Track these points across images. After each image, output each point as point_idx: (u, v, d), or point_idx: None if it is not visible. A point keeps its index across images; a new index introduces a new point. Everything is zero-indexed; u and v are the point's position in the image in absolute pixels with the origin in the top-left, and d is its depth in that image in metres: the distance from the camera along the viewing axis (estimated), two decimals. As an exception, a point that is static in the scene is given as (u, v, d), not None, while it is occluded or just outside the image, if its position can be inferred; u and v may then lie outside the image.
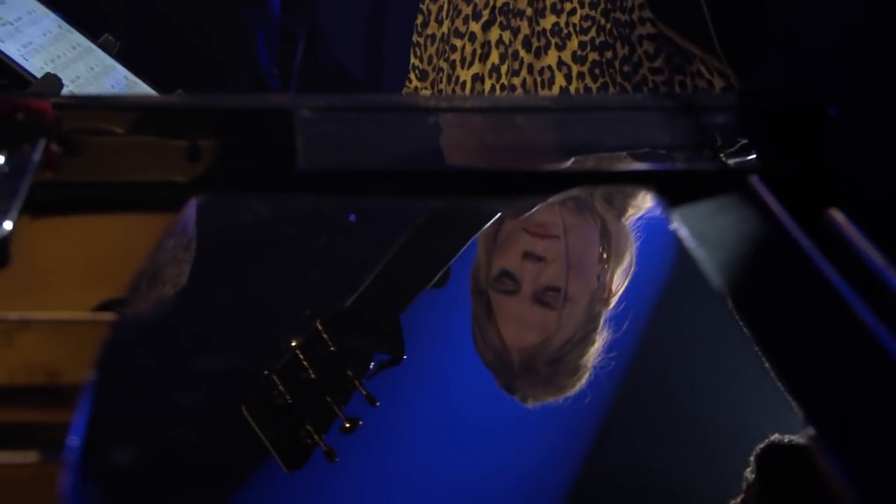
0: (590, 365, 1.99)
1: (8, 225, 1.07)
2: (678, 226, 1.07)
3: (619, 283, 2.12)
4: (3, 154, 1.17)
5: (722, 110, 1.25)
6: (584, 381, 2.10)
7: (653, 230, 1.82)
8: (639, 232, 1.98)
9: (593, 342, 2.11)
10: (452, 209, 1.59)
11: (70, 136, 1.22)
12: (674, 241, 1.14)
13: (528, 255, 2.04)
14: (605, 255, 2.23)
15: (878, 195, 1.27)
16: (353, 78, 4.65)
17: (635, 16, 2.72)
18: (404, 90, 3.06)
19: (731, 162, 1.17)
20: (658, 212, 1.41)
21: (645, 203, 1.90)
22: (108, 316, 1.17)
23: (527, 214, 1.88)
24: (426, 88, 2.99)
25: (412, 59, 3.04)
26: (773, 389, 1.11)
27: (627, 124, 1.24)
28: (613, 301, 2.22)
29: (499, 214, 1.89)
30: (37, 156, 1.18)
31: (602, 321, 2.11)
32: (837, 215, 1.09)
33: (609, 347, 1.96)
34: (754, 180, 1.11)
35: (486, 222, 1.88)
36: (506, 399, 1.81)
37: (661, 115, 1.23)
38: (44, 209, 1.15)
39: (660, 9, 2.22)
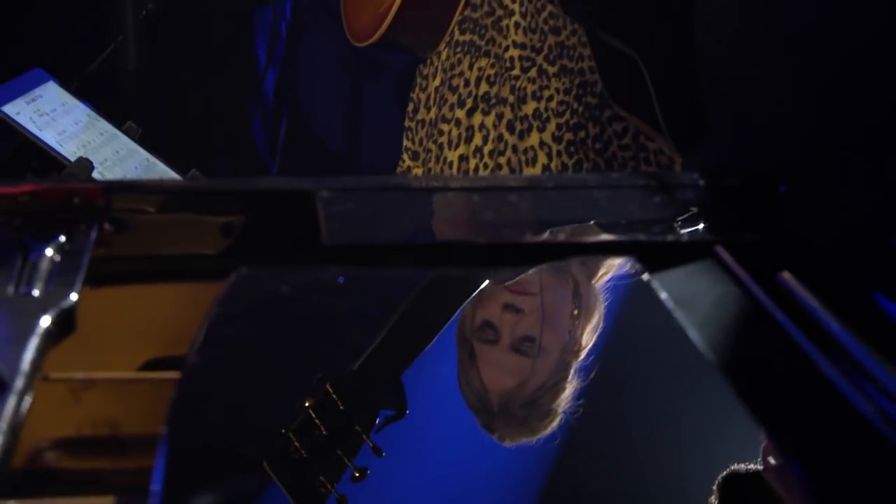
0: (560, 410, 2.01)
1: (74, 296, 1.11)
2: (657, 289, 1.12)
3: (589, 338, 2.15)
4: (64, 234, 1.21)
5: (690, 188, 1.30)
6: (555, 424, 2.12)
7: (621, 290, 1.86)
8: (608, 292, 2.02)
9: (564, 389, 2.13)
10: (447, 278, 1.62)
11: (119, 216, 1.26)
12: (642, 301, 1.20)
13: (507, 307, 2.06)
14: (576, 312, 2.25)
15: (827, 257, 1.33)
16: (333, 152, 4.68)
17: (604, 100, 2.77)
18: (398, 168, 3.07)
19: (699, 233, 1.22)
20: (625, 274, 1.47)
21: (614, 267, 1.94)
22: (159, 375, 1.22)
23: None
24: (418, 167, 3.00)
25: (405, 142, 3.06)
26: (733, 423, 1.16)
27: (607, 200, 1.29)
28: (583, 353, 2.25)
29: (487, 282, 1.93)
30: (93, 235, 1.22)
31: (572, 371, 2.13)
32: (789, 277, 1.14)
33: (578, 394, 1.99)
34: (720, 249, 1.16)
35: (477, 289, 1.92)
36: (487, 440, 1.83)
37: (639, 192, 1.28)
38: (100, 280, 1.19)
39: (615, 93, 2.25)
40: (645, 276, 1.14)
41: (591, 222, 1.25)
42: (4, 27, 3.73)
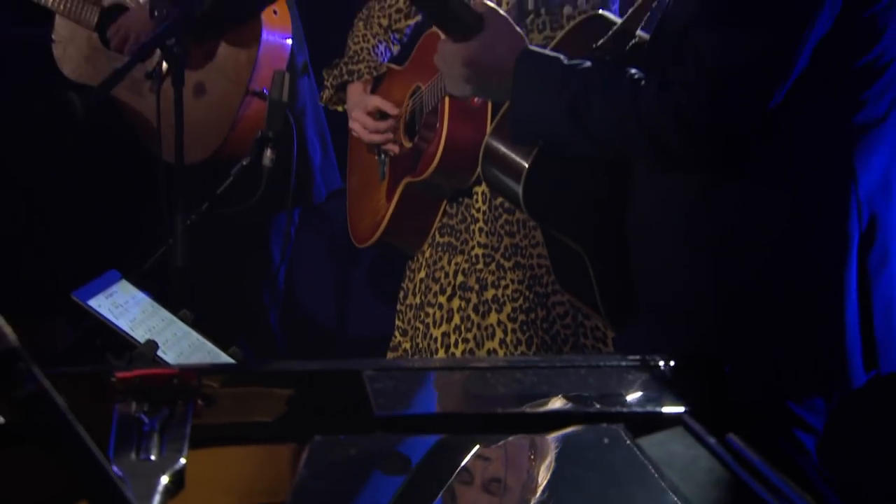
0: None
1: (183, 460, 1.13)
2: (639, 450, 1.14)
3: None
4: (169, 409, 1.24)
5: (656, 368, 1.33)
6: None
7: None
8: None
9: None
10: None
11: (208, 393, 1.29)
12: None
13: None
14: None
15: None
16: (323, 326, 4.67)
17: (549, 289, 2.81)
18: (391, 342, 3.05)
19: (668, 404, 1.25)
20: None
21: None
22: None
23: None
24: (406, 342, 2.99)
25: (397, 321, 3.03)
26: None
27: (597, 379, 1.31)
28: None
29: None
30: (191, 409, 1.25)
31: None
32: (736, 438, 1.18)
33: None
34: (686, 417, 1.19)
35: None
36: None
37: (618, 372, 1.31)
38: (198, 444, 1.21)
39: (562, 279, 2.22)
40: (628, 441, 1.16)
41: (586, 394, 1.27)
42: (87, 239, 3.76)
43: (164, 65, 2.95)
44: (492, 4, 1.93)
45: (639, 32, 1.96)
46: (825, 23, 1.67)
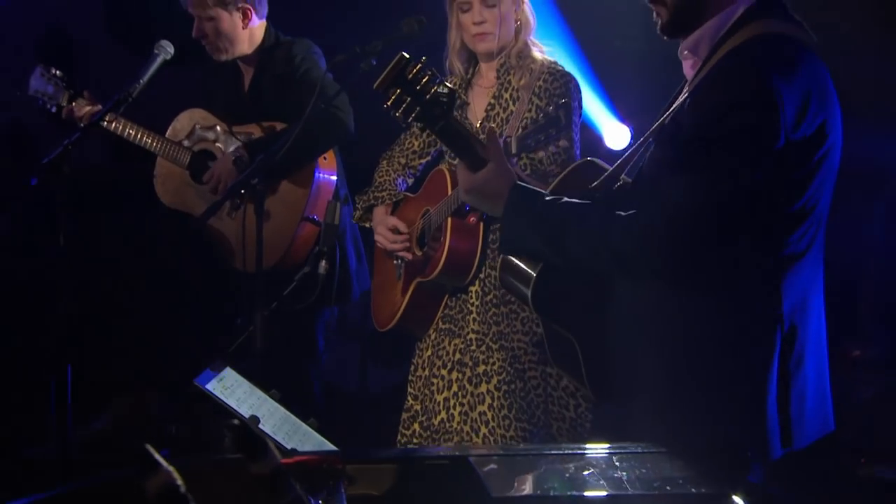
0: None
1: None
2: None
3: None
4: (326, 489, 1.18)
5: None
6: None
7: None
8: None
9: None
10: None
11: (352, 474, 1.24)
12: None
13: None
14: None
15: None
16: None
17: (526, 366, 2.79)
18: (405, 404, 3.01)
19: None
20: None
21: None
22: None
23: None
24: (418, 405, 2.95)
25: (409, 389, 3.01)
26: None
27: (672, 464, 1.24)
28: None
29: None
30: (342, 487, 1.19)
31: None
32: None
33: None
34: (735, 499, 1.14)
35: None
36: None
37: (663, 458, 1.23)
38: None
39: (556, 357, 2.19)
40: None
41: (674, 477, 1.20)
42: (178, 329, 3.68)
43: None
44: (496, 145, 1.92)
45: (623, 176, 1.98)
46: (762, 182, 1.67)
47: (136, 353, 3.93)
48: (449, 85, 1.77)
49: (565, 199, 1.83)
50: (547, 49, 2.87)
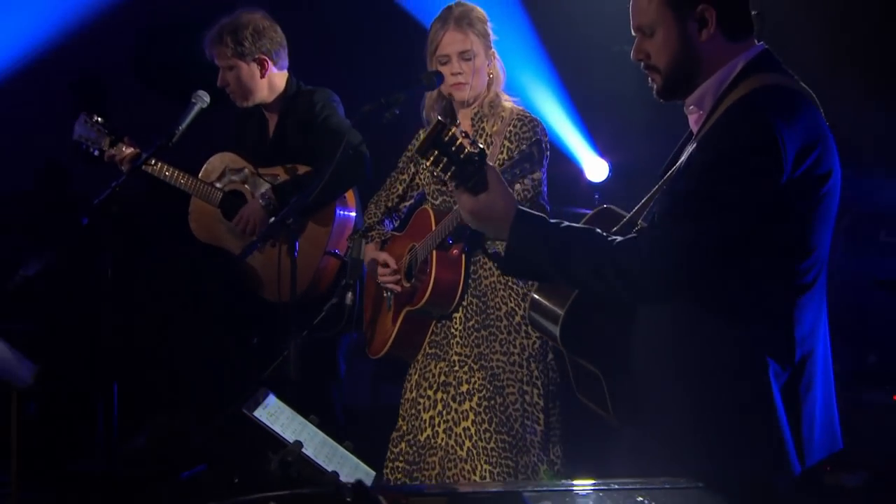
0: None
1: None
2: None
3: None
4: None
5: None
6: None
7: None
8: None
9: None
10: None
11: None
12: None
13: None
14: None
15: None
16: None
17: (504, 383, 2.76)
18: (397, 426, 2.96)
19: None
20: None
21: None
22: None
23: None
24: (405, 425, 2.92)
25: (400, 411, 2.97)
26: None
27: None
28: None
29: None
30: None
31: None
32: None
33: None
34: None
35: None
36: None
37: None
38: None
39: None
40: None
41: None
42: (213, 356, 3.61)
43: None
44: (494, 171, 1.85)
45: (640, 222, 1.95)
46: (765, 213, 1.66)
47: (173, 375, 3.85)
48: (480, 146, 1.78)
49: (567, 223, 1.80)
50: (514, 99, 2.90)
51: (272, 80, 3.38)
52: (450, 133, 1.73)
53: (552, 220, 1.80)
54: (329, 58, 4.13)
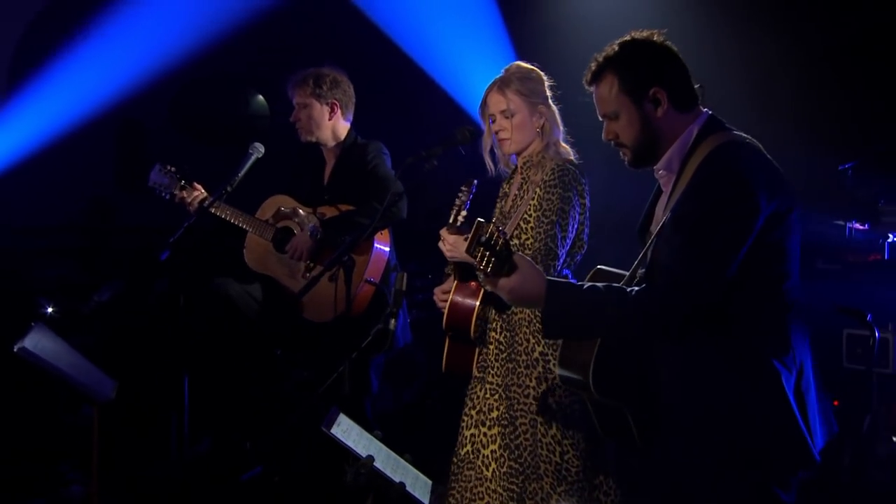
0: None
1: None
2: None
3: None
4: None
5: None
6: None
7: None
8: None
9: None
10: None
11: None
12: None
13: None
14: None
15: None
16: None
17: (517, 413, 2.73)
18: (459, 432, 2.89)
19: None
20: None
21: None
22: None
23: None
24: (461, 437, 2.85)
25: (461, 424, 2.89)
26: None
27: None
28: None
29: None
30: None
31: None
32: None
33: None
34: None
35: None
36: None
37: None
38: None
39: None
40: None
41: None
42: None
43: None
44: (523, 256, 1.96)
45: (640, 271, 2.07)
46: (751, 248, 1.83)
47: (233, 390, 4.02)
48: (506, 236, 1.91)
49: (590, 283, 1.93)
50: (569, 148, 2.92)
51: (336, 127, 3.67)
52: (487, 231, 1.84)
53: (576, 284, 1.93)
54: (383, 113, 4.38)
